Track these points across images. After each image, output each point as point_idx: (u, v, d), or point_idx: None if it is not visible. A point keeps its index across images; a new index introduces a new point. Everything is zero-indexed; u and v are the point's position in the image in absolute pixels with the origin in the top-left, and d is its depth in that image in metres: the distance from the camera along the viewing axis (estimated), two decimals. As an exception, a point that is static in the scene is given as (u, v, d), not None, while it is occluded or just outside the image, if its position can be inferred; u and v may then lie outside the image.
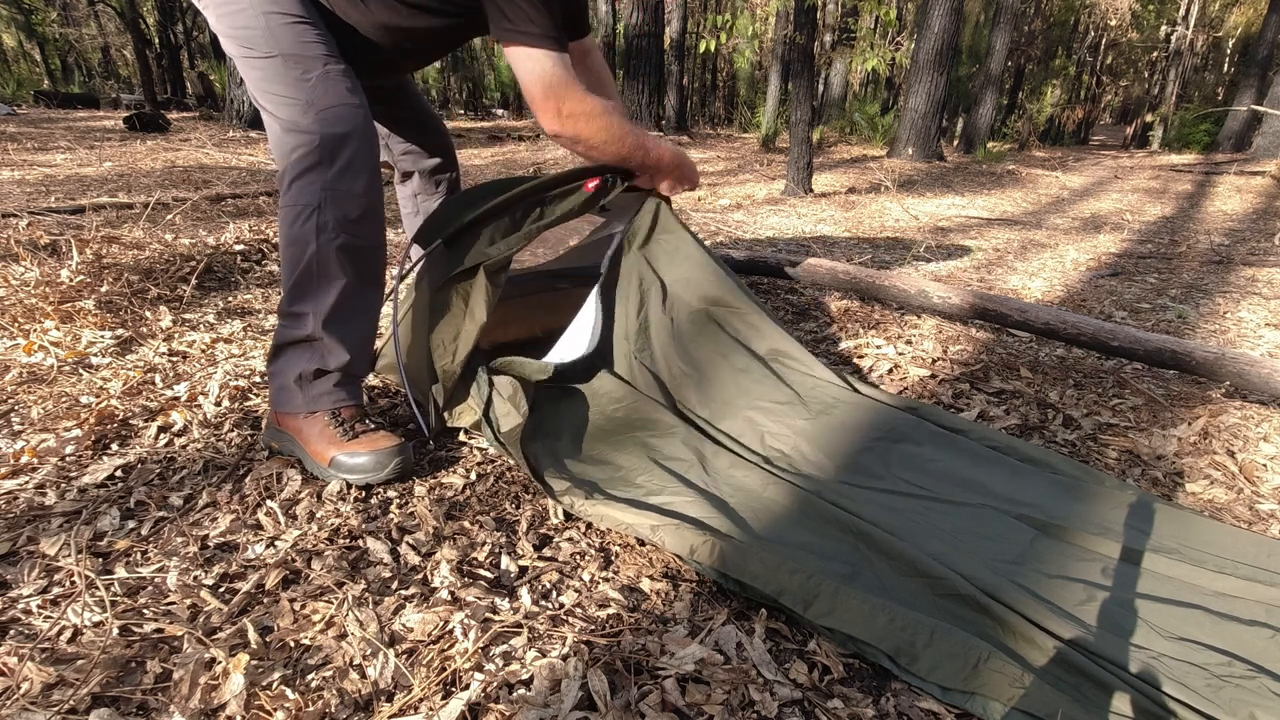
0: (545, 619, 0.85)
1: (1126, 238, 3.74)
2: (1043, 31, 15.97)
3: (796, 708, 0.74)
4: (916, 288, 1.92)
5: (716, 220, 3.74)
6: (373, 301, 1.20)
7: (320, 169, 1.07)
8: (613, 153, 1.22)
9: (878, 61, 4.95)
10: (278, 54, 1.08)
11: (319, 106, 1.08)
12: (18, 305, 1.67)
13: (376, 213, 1.14)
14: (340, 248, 1.10)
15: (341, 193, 1.08)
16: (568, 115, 1.14)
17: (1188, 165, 8.41)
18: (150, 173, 4.29)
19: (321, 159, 1.07)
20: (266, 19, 1.08)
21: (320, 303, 1.11)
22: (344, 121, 1.09)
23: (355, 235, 1.11)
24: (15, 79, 16.94)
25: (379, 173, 1.14)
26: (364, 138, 1.10)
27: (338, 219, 1.09)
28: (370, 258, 1.16)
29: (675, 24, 9.98)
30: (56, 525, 0.97)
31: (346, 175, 1.09)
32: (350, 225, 1.10)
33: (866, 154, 7.87)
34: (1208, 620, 0.86)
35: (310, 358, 1.13)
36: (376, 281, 1.20)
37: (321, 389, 1.13)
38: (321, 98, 1.08)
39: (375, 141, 1.14)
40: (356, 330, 1.16)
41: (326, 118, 1.08)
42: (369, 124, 1.12)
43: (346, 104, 1.09)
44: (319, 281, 1.11)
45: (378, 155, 1.15)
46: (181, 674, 0.73)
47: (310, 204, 1.08)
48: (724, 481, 1.11)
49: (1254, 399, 1.54)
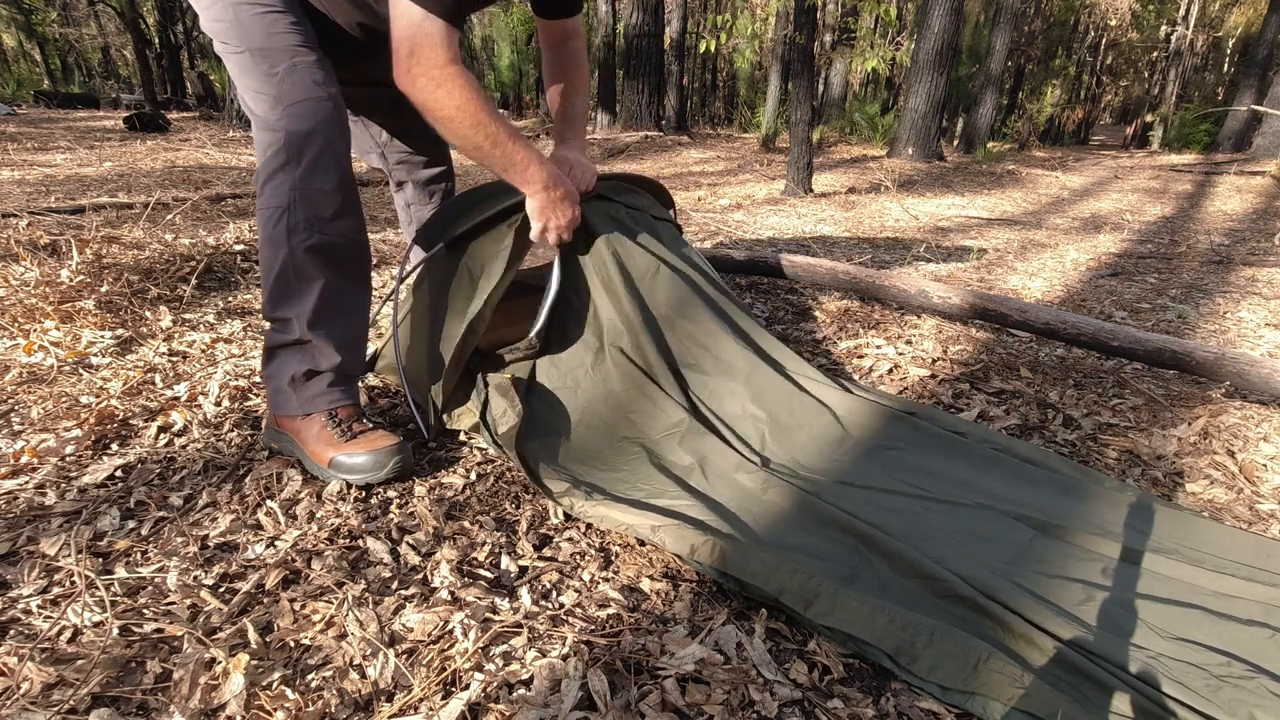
0: (545, 619, 0.85)
1: (1126, 238, 3.74)
2: (1043, 31, 15.97)
3: (796, 708, 0.74)
4: (916, 288, 1.92)
5: (716, 220, 3.74)
6: (359, 298, 1.18)
7: (289, 168, 1.04)
8: (460, 135, 1.10)
9: (878, 61, 4.95)
10: (245, 48, 1.05)
11: (285, 102, 1.04)
12: (18, 305, 1.67)
13: (352, 208, 1.11)
14: (313, 248, 1.07)
15: (312, 191, 1.05)
16: (418, 75, 1.04)
17: (1188, 165, 8.40)
18: (150, 173, 4.29)
19: (289, 158, 1.04)
20: (235, 10, 1.05)
21: (302, 306, 1.09)
22: (309, 117, 1.04)
23: (329, 234, 1.08)
24: (15, 79, 16.95)
25: (349, 169, 1.10)
26: (331, 133, 1.06)
27: (308, 219, 1.06)
28: (349, 255, 1.13)
29: (675, 24, 9.98)
30: (56, 525, 0.97)
31: (315, 173, 1.05)
32: (324, 224, 1.07)
33: (866, 154, 7.87)
34: (1207, 620, 0.86)
35: (301, 360, 1.11)
36: (360, 277, 1.17)
37: (315, 390, 1.12)
38: (288, 93, 1.05)
39: (346, 134, 1.09)
40: (345, 330, 1.14)
41: (292, 113, 1.04)
42: (337, 115, 1.08)
43: (312, 98, 1.05)
44: (297, 284, 1.08)
45: (348, 148, 1.10)
46: (181, 674, 0.73)
47: (280, 205, 1.05)
48: (724, 484, 1.11)
49: (1254, 399, 1.54)
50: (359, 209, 1.13)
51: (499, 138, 1.11)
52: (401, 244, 2.73)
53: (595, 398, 1.26)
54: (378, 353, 1.49)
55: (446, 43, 1.03)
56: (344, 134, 1.09)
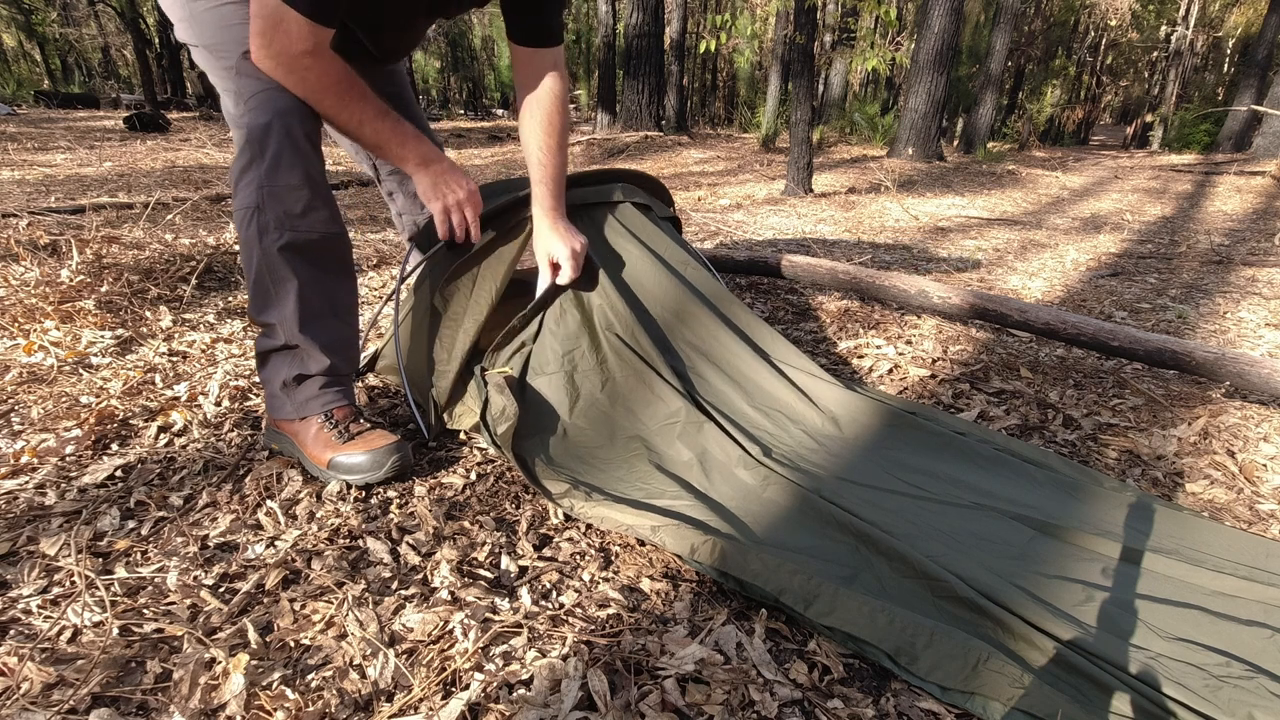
0: (545, 619, 0.85)
1: (1126, 238, 3.74)
2: (1043, 31, 15.97)
3: (796, 708, 0.74)
4: (916, 288, 1.92)
5: (716, 220, 3.74)
6: (343, 293, 1.14)
7: (255, 165, 1.00)
8: (324, 117, 1.06)
9: (878, 61, 4.95)
10: (201, 44, 1.02)
11: (244, 95, 1.01)
12: (18, 305, 1.67)
13: (321, 200, 1.06)
14: (285, 247, 1.03)
15: (279, 188, 1.01)
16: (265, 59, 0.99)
17: (1188, 165, 8.40)
18: (150, 173, 4.29)
19: (253, 154, 1.00)
20: (190, 6, 1.01)
21: (283, 310, 1.06)
22: (265, 108, 1.00)
23: (301, 230, 1.04)
24: (15, 79, 16.96)
25: (314, 158, 1.05)
26: (289, 122, 1.01)
27: (278, 217, 1.02)
28: (324, 250, 1.08)
29: (675, 24, 9.98)
30: (56, 525, 0.97)
31: (280, 168, 1.01)
32: (294, 220, 1.03)
33: (866, 154, 7.87)
34: (1206, 620, 0.86)
35: (290, 364, 1.10)
36: (340, 271, 1.13)
37: (307, 394, 1.11)
38: (246, 86, 1.01)
39: (307, 120, 1.04)
40: (332, 330, 1.11)
41: (250, 106, 1.00)
42: (295, 103, 1.02)
43: (269, 88, 1.00)
44: (274, 287, 1.05)
45: (313, 134, 1.05)
46: (181, 674, 0.73)
47: (250, 205, 1.01)
48: (724, 481, 1.11)
49: (1254, 399, 1.54)
50: (329, 199, 1.08)
51: (363, 119, 1.06)
52: (402, 244, 2.73)
53: (593, 386, 1.25)
54: (378, 352, 1.49)
55: (302, 35, 0.97)
56: (305, 120, 1.03)
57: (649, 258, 1.38)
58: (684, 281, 1.39)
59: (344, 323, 1.14)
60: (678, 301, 1.36)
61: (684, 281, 1.39)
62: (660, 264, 1.39)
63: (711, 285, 1.43)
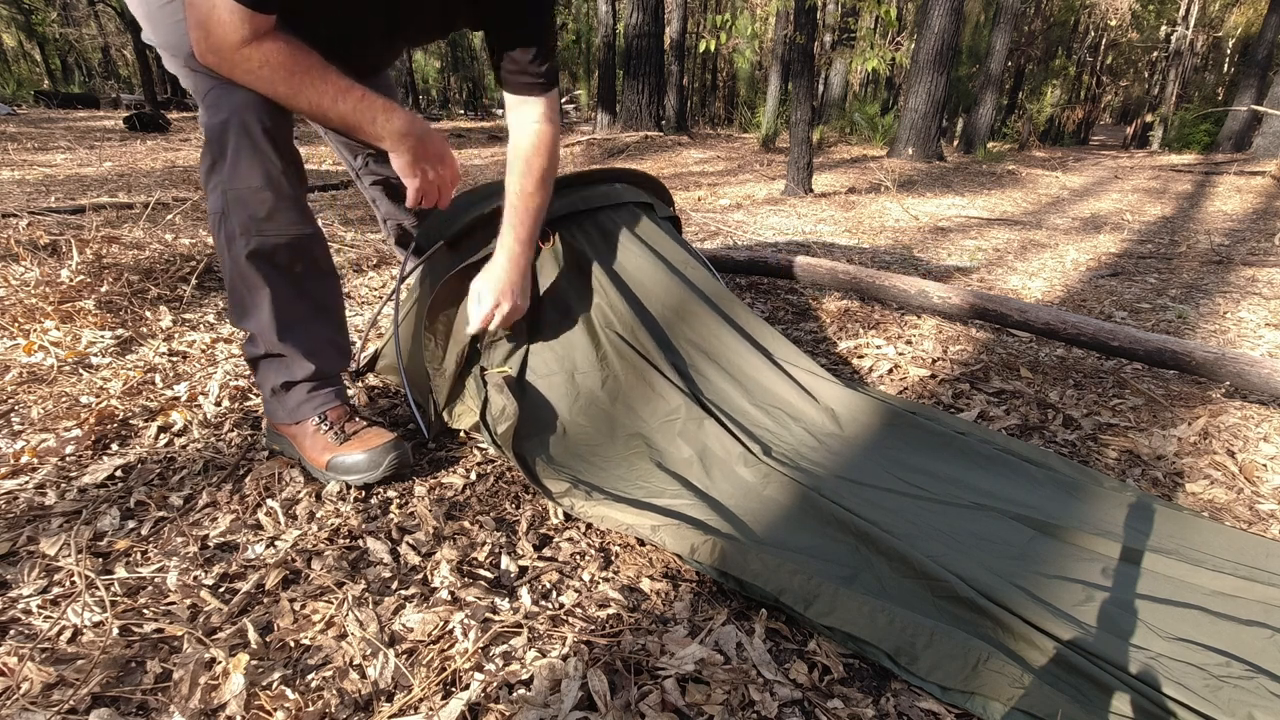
0: (545, 619, 0.85)
1: (1126, 238, 3.74)
2: (1043, 31, 15.97)
3: (796, 708, 0.74)
4: (916, 288, 1.92)
5: (716, 220, 3.74)
6: (322, 293, 1.11)
7: (217, 169, 0.97)
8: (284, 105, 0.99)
9: (878, 61, 4.95)
10: (159, 42, 1.00)
11: (202, 93, 0.97)
12: (18, 305, 1.67)
13: (286, 201, 1.01)
14: (253, 254, 1.00)
15: (241, 190, 0.97)
16: (207, 54, 0.93)
17: (1188, 165, 8.40)
18: (150, 173, 4.30)
19: (215, 156, 0.97)
20: (147, 4, 0.99)
21: (259, 320, 1.04)
22: (220, 105, 0.95)
23: (268, 234, 1.00)
24: (15, 79, 16.96)
25: (275, 156, 0.99)
26: (246, 118, 0.95)
27: (243, 223, 0.98)
28: (293, 253, 1.04)
29: (675, 24, 9.98)
30: (56, 525, 0.97)
31: (239, 169, 0.96)
32: (259, 224, 0.99)
33: (866, 154, 7.87)
34: (1206, 620, 0.86)
35: (277, 371, 1.08)
36: (316, 270, 1.09)
37: (297, 399, 1.10)
38: (200, 83, 0.97)
39: (266, 114, 0.97)
40: (313, 333, 1.09)
41: (207, 104, 0.96)
42: (248, 99, 0.95)
43: (220, 84, 0.95)
44: (247, 295, 1.03)
45: (277, 130, 0.99)
46: (181, 674, 0.73)
47: (217, 210, 0.99)
48: (724, 479, 1.11)
49: (1254, 399, 1.54)
50: (296, 198, 1.03)
51: (324, 102, 0.98)
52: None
53: (594, 384, 1.25)
54: (378, 352, 1.49)
55: (236, 24, 0.90)
56: (264, 115, 0.97)
57: (650, 257, 1.38)
58: (685, 281, 1.39)
59: (327, 323, 1.12)
60: (678, 300, 1.36)
61: (685, 281, 1.39)
62: (661, 263, 1.39)
63: (712, 285, 1.43)
